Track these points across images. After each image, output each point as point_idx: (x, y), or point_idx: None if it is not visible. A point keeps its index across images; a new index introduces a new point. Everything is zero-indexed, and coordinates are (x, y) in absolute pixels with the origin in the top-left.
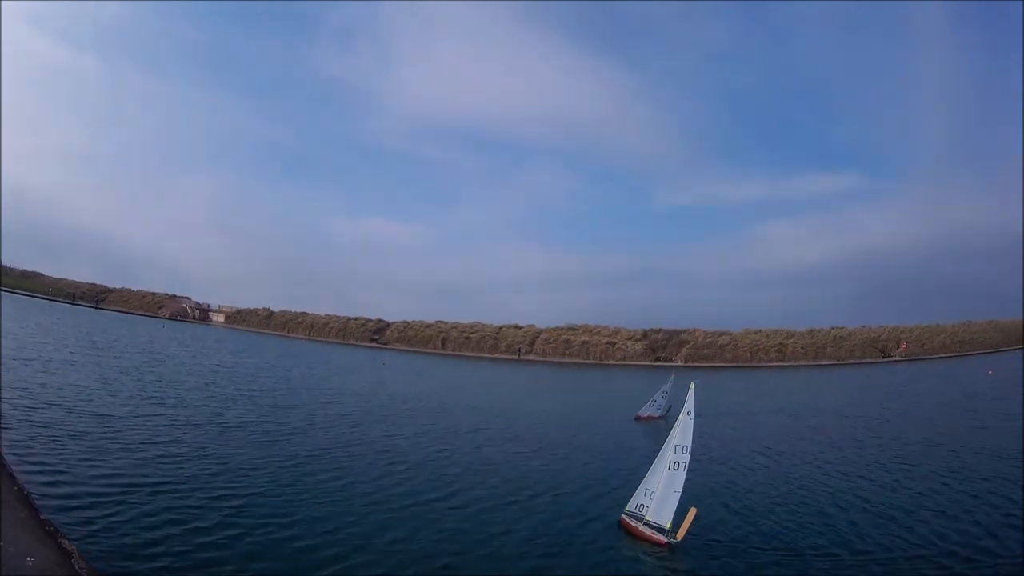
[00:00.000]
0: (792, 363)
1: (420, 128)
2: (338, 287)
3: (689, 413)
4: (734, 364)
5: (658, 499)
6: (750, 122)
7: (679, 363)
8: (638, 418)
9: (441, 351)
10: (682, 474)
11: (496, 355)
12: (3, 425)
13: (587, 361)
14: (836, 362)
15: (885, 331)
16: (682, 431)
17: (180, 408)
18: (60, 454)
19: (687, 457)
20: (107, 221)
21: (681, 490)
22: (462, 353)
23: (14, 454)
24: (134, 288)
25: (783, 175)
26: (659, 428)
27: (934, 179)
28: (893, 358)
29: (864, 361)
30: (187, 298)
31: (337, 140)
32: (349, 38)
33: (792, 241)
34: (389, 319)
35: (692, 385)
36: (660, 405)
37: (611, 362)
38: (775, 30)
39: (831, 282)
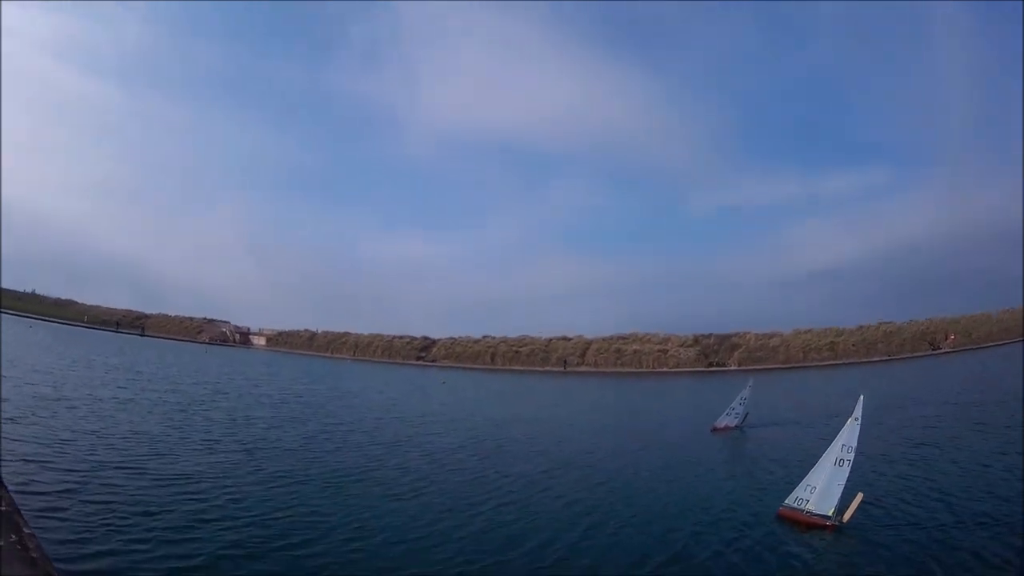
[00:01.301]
0: (844, 361)
1: (447, 142)
2: (377, 305)
3: (856, 419)
4: (787, 365)
5: (819, 493)
6: (776, 122)
7: (732, 367)
8: (715, 429)
9: (491, 366)
10: (846, 470)
11: (547, 368)
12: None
13: (640, 370)
14: (887, 357)
15: (933, 323)
16: (849, 432)
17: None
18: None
19: (852, 456)
20: (138, 247)
21: (844, 483)
22: (512, 367)
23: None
24: (171, 313)
25: (812, 173)
26: (738, 439)
27: (961, 166)
28: (942, 350)
29: (915, 355)
30: (226, 322)
31: (365, 158)
32: (372, 55)
33: (825, 238)
34: (432, 336)
35: (861, 397)
36: (738, 413)
37: (664, 370)
38: (794, 28)
39: (867, 277)
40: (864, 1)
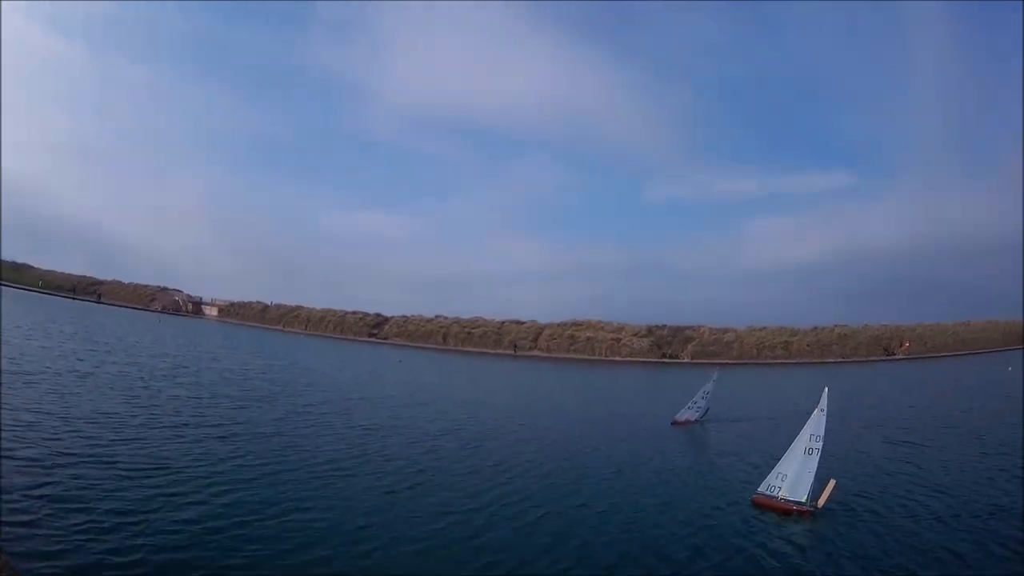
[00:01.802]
0: (798, 360)
1: (412, 120)
2: (331, 280)
3: (823, 410)
4: (741, 361)
5: (791, 480)
6: (743, 117)
7: (685, 359)
8: (675, 423)
9: (443, 346)
10: (816, 459)
11: (498, 350)
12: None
13: (592, 357)
14: (841, 360)
15: (888, 330)
16: (816, 424)
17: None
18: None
19: (820, 445)
20: (96, 211)
21: (815, 472)
22: (464, 348)
23: None
24: (124, 280)
25: (777, 171)
26: (699, 433)
27: (928, 178)
28: (896, 356)
29: (868, 359)
30: (179, 291)
31: (329, 132)
32: (341, 29)
33: (785, 238)
34: (385, 313)
35: (826, 389)
36: (699, 407)
37: (617, 359)
38: (769, 24)
39: (824, 279)
40: (842, 2)
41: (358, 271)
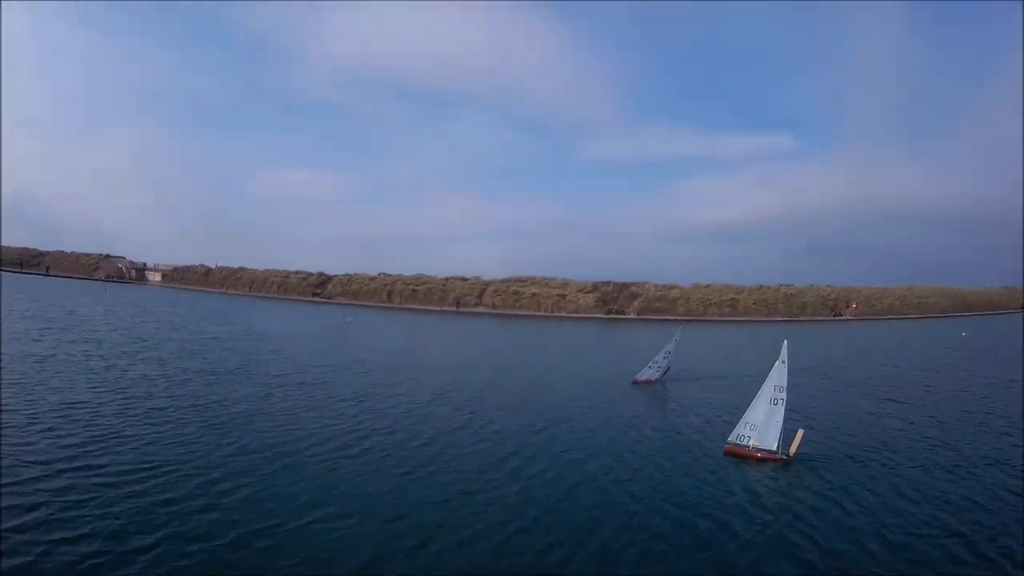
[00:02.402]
0: (745, 318)
1: (347, 77)
2: (272, 241)
3: (783, 362)
4: (687, 318)
5: (760, 430)
6: (681, 79)
7: (631, 316)
8: (636, 383)
9: (387, 304)
10: (781, 408)
11: (443, 307)
12: None
13: (538, 313)
14: (788, 318)
15: (834, 291)
16: (778, 375)
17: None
18: None
19: (784, 395)
20: (29, 180)
21: (782, 421)
22: (408, 306)
23: None
24: (67, 250)
25: (714, 132)
26: (661, 392)
27: (868, 144)
28: (844, 317)
29: (816, 318)
30: (122, 258)
31: (263, 90)
32: None
33: (724, 198)
34: (327, 272)
35: (785, 342)
36: (660, 367)
37: (562, 315)
38: None
39: (764, 240)
40: None
41: (296, 231)
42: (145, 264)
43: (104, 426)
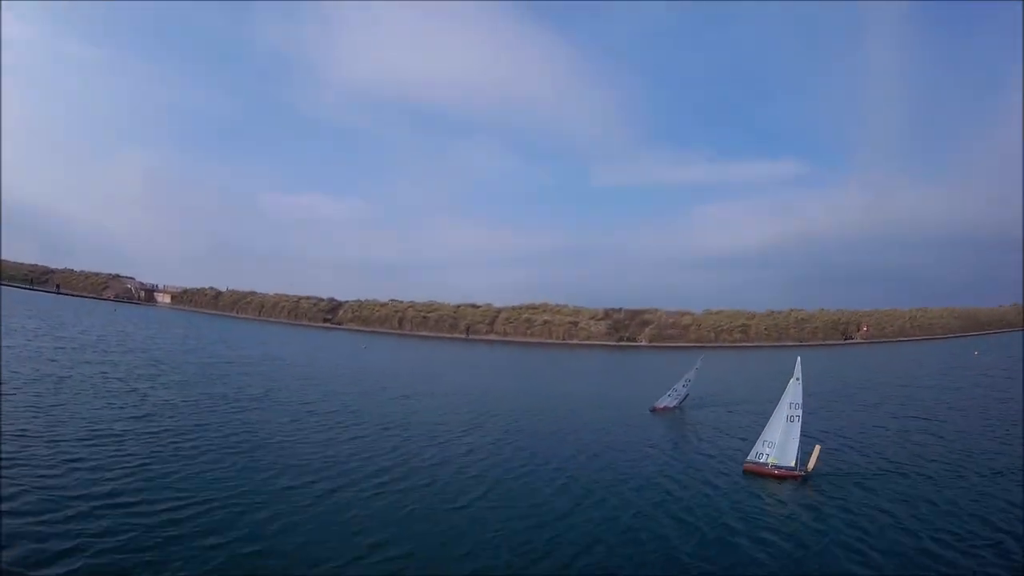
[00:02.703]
0: (756, 344)
1: (358, 99)
2: (282, 265)
3: (798, 379)
4: (699, 344)
5: (778, 447)
6: (693, 105)
7: (643, 343)
8: (654, 409)
9: (399, 331)
10: (798, 425)
11: (455, 335)
12: None
13: (549, 341)
14: (799, 343)
15: (844, 314)
16: (793, 392)
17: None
18: None
19: (800, 412)
20: (46, 196)
21: (799, 437)
22: (420, 333)
23: None
24: (76, 268)
25: (725, 158)
26: (680, 419)
27: (879, 170)
28: (854, 340)
29: (827, 343)
30: (131, 278)
31: (274, 111)
32: (288, 4)
33: (735, 224)
34: (338, 297)
35: (799, 359)
36: (680, 394)
37: (574, 342)
38: (723, 14)
39: (776, 265)
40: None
41: (307, 256)
42: (155, 285)
43: (133, 456)
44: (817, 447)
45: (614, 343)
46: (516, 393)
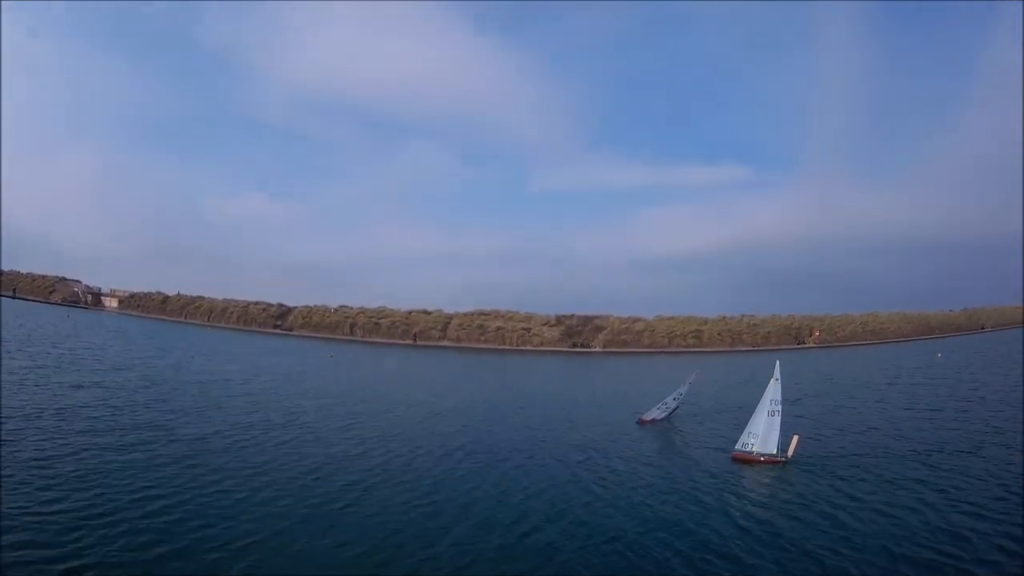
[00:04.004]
0: (710, 348)
1: (302, 101)
2: (225, 267)
3: (777, 379)
4: (653, 350)
5: (762, 438)
6: (637, 112)
7: (597, 349)
8: (642, 422)
9: (350, 337)
10: (778, 419)
11: (406, 341)
12: None
13: (502, 347)
14: (753, 348)
15: (796, 319)
16: (774, 390)
17: None
18: None
19: (780, 408)
20: None
21: (779, 429)
22: (371, 339)
23: None
24: (23, 271)
25: (670, 162)
26: (666, 432)
27: (824, 176)
28: (807, 345)
29: (780, 347)
30: (78, 282)
31: (218, 112)
32: (239, 5)
33: (679, 228)
34: (287, 303)
35: (777, 362)
36: (669, 407)
37: (528, 348)
38: (669, 20)
39: (722, 269)
40: (746, 2)
41: (251, 257)
42: (100, 289)
43: (177, 501)
44: (795, 437)
45: (568, 349)
46: (498, 403)
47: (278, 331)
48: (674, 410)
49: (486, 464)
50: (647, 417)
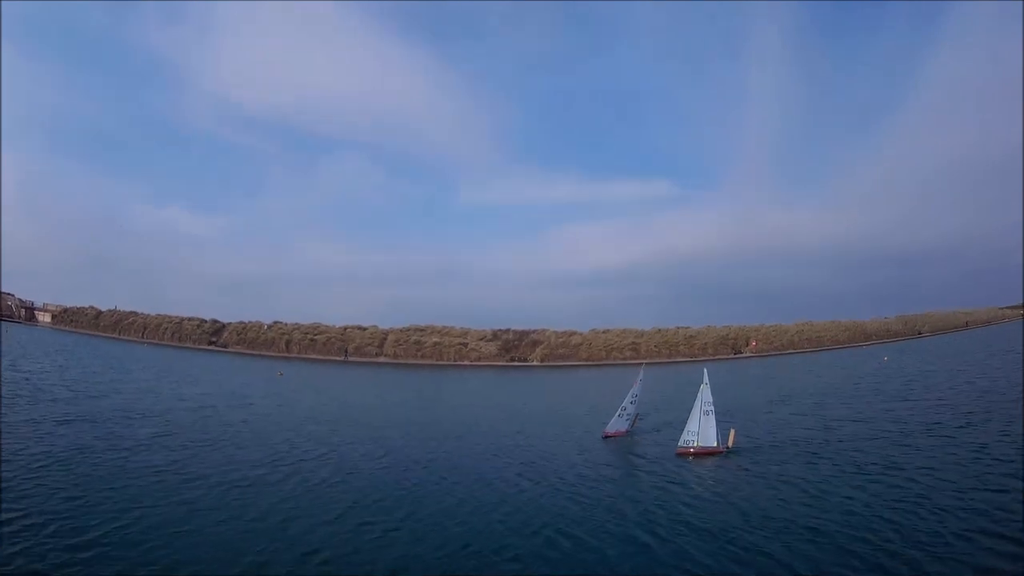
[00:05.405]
0: (648, 360)
1: (229, 112)
2: (153, 279)
3: (706, 383)
4: (590, 363)
5: (701, 434)
6: (563, 128)
7: (535, 363)
8: (607, 436)
9: (285, 354)
10: (713, 417)
11: (343, 358)
12: None
13: (440, 363)
14: (690, 359)
15: (731, 330)
16: (704, 394)
17: None
18: None
19: (712, 408)
20: None
21: (716, 425)
22: (307, 356)
23: None
24: None
25: (597, 178)
26: (632, 446)
27: (748, 189)
28: (744, 355)
29: (718, 357)
30: (11, 295)
31: (148, 120)
32: (171, 7)
33: (604, 243)
34: (220, 319)
35: (705, 369)
36: (629, 415)
37: (465, 363)
38: (597, 38)
39: (644, 282)
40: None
41: (176, 271)
42: (33, 303)
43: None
44: (732, 430)
45: (505, 363)
46: (463, 421)
47: (213, 348)
48: (635, 417)
49: None
50: (611, 431)
